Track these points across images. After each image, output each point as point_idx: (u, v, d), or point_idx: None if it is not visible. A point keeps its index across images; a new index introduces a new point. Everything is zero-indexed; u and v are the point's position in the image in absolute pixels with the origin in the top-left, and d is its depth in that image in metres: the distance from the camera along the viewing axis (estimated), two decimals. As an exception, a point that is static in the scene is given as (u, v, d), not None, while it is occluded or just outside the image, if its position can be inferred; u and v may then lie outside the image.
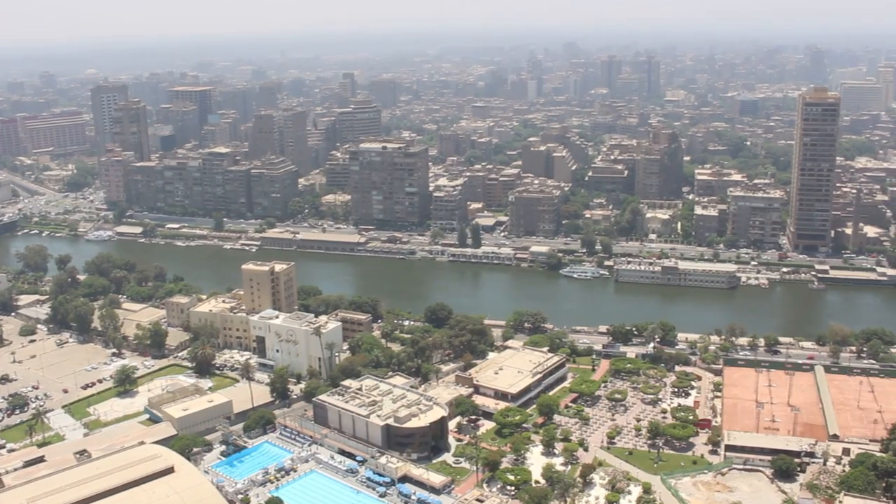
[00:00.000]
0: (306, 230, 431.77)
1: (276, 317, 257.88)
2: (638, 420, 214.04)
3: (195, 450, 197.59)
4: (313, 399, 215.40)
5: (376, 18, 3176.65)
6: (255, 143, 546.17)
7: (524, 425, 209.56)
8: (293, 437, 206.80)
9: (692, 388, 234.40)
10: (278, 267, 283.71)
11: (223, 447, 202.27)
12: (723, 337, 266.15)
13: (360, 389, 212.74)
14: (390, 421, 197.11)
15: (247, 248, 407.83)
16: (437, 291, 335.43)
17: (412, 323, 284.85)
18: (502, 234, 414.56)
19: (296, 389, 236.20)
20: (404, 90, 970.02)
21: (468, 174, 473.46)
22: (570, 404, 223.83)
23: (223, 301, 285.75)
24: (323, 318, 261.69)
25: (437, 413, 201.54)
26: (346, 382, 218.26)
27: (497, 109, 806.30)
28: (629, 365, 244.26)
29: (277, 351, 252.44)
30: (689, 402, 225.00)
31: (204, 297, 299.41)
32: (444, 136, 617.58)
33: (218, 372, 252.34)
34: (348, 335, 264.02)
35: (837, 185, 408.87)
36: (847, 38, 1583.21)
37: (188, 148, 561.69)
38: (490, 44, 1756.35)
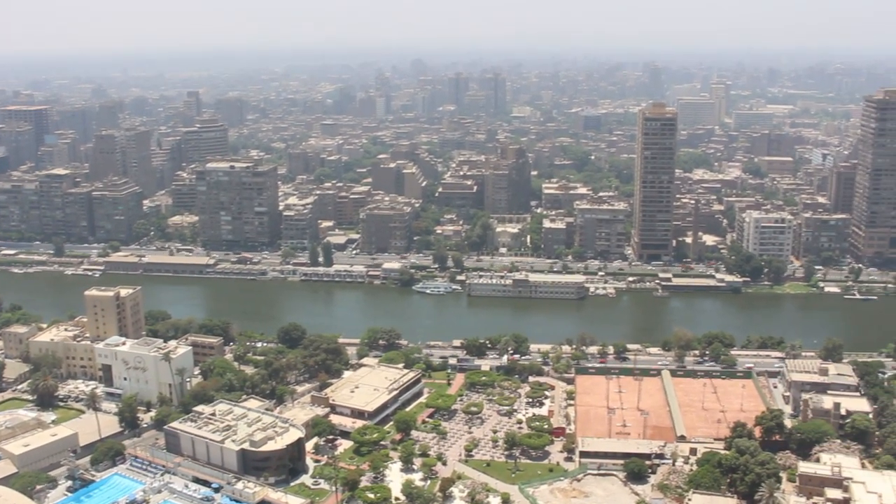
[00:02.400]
0: (153, 253, 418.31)
1: (123, 343, 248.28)
2: (494, 432, 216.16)
3: (38, 487, 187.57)
4: (165, 427, 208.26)
5: (220, 35, 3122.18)
6: (97, 165, 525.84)
7: (382, 443, 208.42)
8: (145, 467, 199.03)
9: (546, 397, 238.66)
10: (124, 292, 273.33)
11: (69, 482, 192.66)
12: (574, 346, 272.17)
13: (213, 415, 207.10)
14: (246, 445, 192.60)
15: (90, 273, 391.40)
16: (289, 312, 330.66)
17: (265, 344, 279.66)
18: (354, 251, 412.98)
19: (146, 418, 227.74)
20: (251, 108, 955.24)
21: (318, 192, 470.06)
22: (427, 419, 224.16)
23: (65, 329, 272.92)
24: (172, 343, 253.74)
25: (293, 435, 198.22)
26: (199, 408, 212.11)
27: (346, 127, 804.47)
28: (484, 378, 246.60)
29: (125, 379, 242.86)
30: (544, 411, 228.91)
31: (44, 325, 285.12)
32: (293, 154, 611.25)
33: (62, 404, 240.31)
34: (199, 359, 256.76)
35: (677, 196, 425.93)
36: (682, 57, 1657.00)
37: (24, 170, 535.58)
38: (338, 61, 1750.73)
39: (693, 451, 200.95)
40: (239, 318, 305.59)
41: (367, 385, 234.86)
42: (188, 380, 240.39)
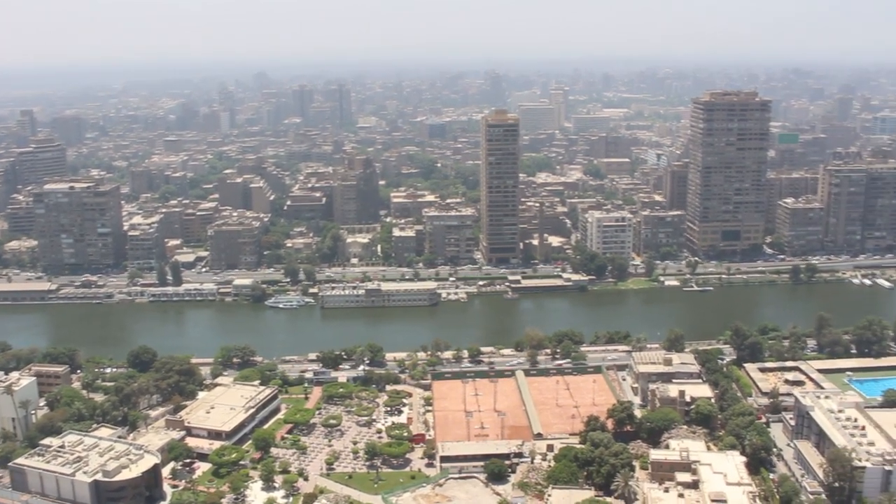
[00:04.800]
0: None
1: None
2: (355, 443, 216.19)
3: None
4: (9, 464, 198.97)
5: (53, 52, 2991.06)
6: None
7: (241, 462, 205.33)
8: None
9: (404, 405, 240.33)
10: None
11: None
12: (429, 352, 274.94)
13: (62, 447, 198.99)
14: (98, 476, 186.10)
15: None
16: (139, 334, 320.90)
17: (115, 370, 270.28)
18: (204, 269, 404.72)
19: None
20: (90, 126, 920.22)
21: (164, 210, 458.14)
22: (286, 435, 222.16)
23: None
24: (14, 374, 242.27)
25: (149, 461, 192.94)
26: (46, 441, 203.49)
27: (190, 143, 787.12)
28: (341, 389, 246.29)
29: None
30: (403, 419, 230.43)
31: None
32: (135, 172, 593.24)
33: None
34: (45, 390, 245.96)
35: (522, 199, 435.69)
36: (521, 65, 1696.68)
37: None
38: (178, 76, 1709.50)
39: (550, 448, 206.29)
40: (86, 344, 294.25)
41: (223, 405, 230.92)
42: (33, 412, 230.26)
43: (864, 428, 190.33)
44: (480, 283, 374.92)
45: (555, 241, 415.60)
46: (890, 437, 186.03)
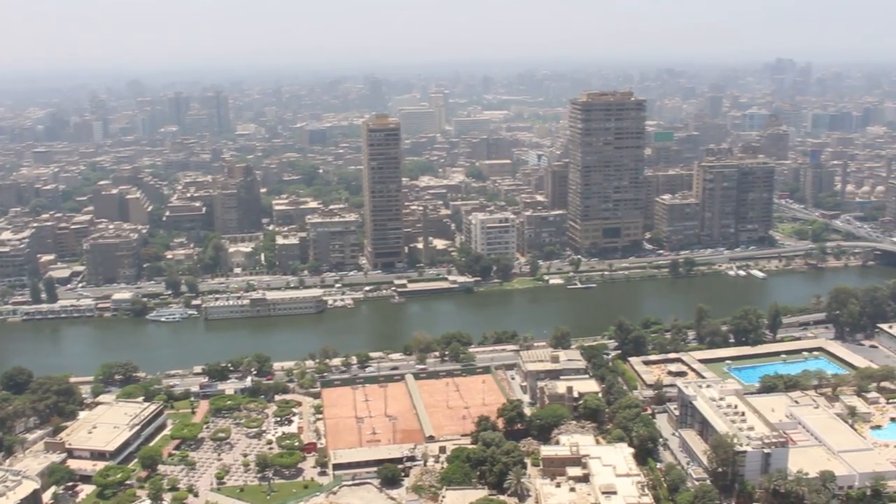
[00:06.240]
0: None
1: None
2: (245, 455, 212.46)
3: None
4: None
5: None
6: None
7: (128, 482, 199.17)
8: None
9: (294, 414, 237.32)
10: None
11: None
12: (317, 360, 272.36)
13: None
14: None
15: None
16: (13, 355, 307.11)
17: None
18: (80, 284, 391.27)
19: None
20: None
21: (35, 225, 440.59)
22: (173, 451, 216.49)
23: None
24: None
25: (27, 487, 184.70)
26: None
27: (61, 154, 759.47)
28: (229, 402, 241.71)
29: None
30: (293, 428, 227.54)
31: None
32: (3, 185, 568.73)
33: None
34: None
35: (406, 203, 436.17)
36: (401, 69, 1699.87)
37: None
38: (45, 84, 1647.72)
39: (442, 450, 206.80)
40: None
41: (107, 423, 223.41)
42: None
43: (743, 414, 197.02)
44: (366, 288, 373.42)
45: (439, 244, 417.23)
46: (768, 422, 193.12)
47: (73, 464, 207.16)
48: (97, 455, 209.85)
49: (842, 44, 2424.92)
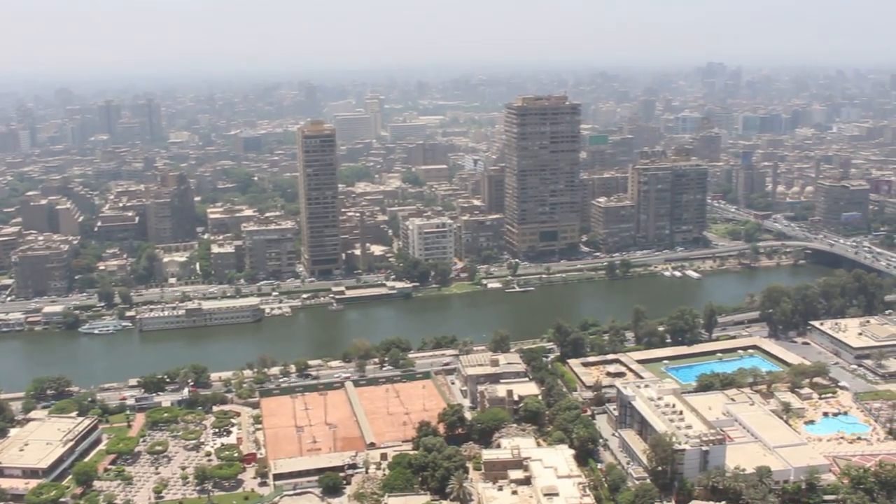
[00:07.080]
0: None
1: None
2: (183, 468, 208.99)
3: None
4: None
5: None
6: None
7: (62, 500, 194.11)
8: None
9: (233, 425, 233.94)
10: None
11: None
12: (255, 370, 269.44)
13: None
14: None
15: None
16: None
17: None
18: (9, 298, 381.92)
19: None
20: None
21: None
22: (109, 466, 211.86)
23: None
24: None
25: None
26: None
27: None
28: (166, 414, 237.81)
29: None
30: (232, 439, 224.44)
31: None
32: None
33: None
34: None
35: (342, 210, 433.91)
36: (336, 74, 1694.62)
37: None
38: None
39: (384, 457, 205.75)
40: None
41: (39, 440, 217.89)
42: None
43: (681, 413, 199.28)
44: (304, 296, 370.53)
45: (377, 250, 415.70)
46: (705, 420, 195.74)
47: (4, 483, 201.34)
48: (29, 473, 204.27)
49: (771, 49, 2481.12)
